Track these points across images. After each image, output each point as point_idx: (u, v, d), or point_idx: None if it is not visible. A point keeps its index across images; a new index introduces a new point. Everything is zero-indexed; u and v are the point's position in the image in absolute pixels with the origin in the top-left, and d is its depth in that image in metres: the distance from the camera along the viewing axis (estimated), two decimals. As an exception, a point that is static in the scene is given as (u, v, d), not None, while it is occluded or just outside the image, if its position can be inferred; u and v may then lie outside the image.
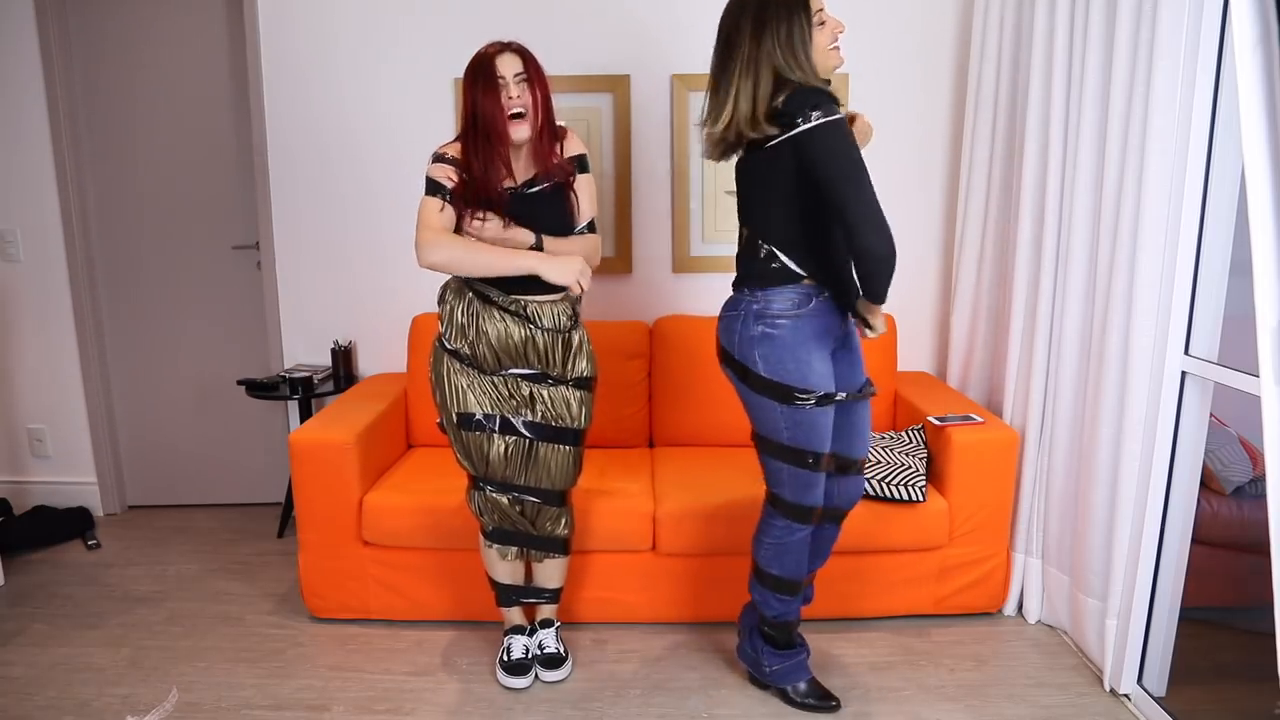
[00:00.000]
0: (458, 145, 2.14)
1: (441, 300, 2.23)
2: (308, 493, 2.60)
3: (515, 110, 2.07)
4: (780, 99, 1.90)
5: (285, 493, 3.36)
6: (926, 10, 3.11)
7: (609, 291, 3.27)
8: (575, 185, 2.22)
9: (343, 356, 3.29)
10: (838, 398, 2.05)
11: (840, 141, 1.85)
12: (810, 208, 1.96)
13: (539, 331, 2.17)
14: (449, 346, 2.20)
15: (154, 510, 3.65)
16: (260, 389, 3.19)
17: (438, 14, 3.14)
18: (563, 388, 2.24)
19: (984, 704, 2.29)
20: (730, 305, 2.11)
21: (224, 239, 3.46)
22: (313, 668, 2.48)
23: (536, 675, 2.39)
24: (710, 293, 3.27)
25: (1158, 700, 2.22)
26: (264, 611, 2.79)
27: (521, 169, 2.18)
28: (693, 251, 3.26)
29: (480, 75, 2.07)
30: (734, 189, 2.13)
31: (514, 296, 2.15)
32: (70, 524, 3.38)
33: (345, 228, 3.30)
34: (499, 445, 2.22)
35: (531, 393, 2.22)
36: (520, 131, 2.09)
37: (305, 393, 3.17)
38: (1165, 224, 2.10)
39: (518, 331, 2.16)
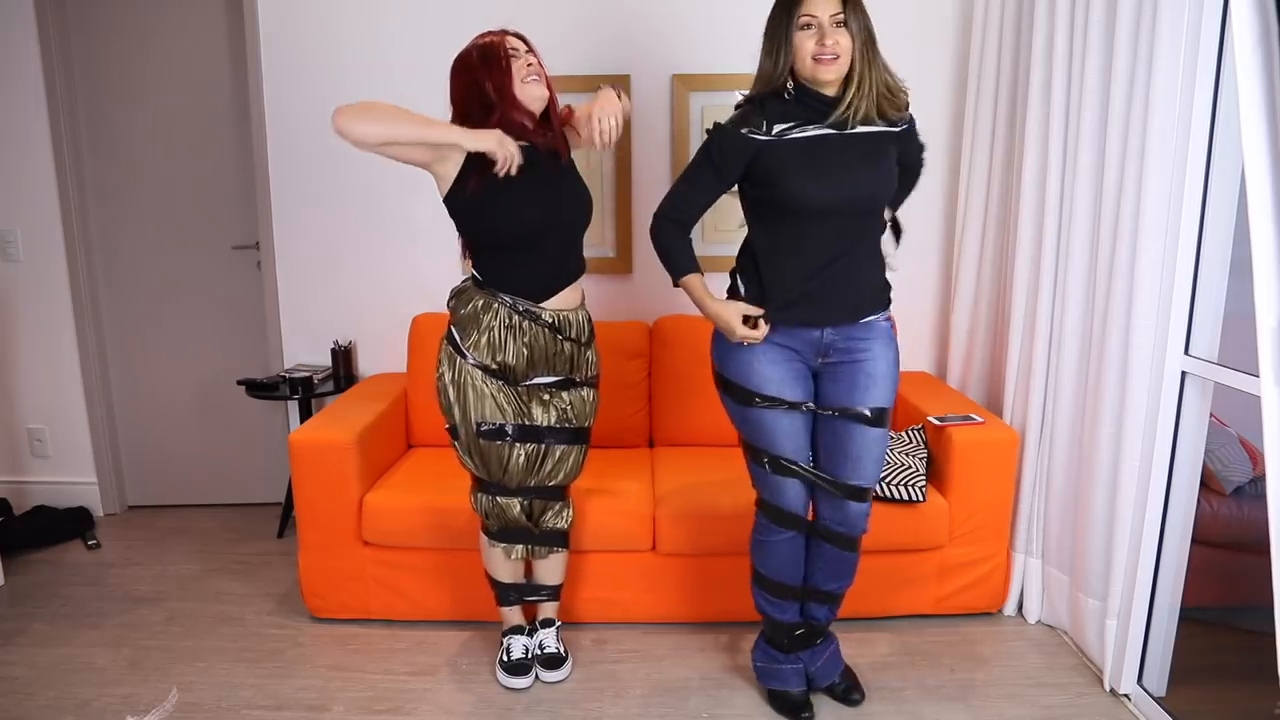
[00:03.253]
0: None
1: (459, 311, 2.19)
2: (308, 493, 2.60)
3: (533, 76, 2.09)
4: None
5: (285, 493, 3.36)
6: (926, 10, 3.11)
7: (609, 291, 3.27)
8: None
9: (343, 356, 3.29)
10: (802, 407, 2.06)
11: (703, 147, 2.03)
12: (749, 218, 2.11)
13: (566, 341, 2.19)
14: (474, 361, 2.16)
15: (154, 510, 3.65)
16: (260, 389, 3.19)
17: (438, 14, 3.14)
18: (583, 389, 2.27)
19: (984, 704, 2.29)
20: None
21: (224, 239, 3.46)
22: (313, 668, 2.48)
23: (536, 675, 2.39)
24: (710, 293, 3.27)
25: (1158, 700, 2.22)
26: (264, 611, 2.79)
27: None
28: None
29: (488, 57, 2.08)
30: (736, 190, 2.13)
31: (541, 305, 2.15)
32: (70, 524, 3.38)
33: (345, 228, 3.30)
34: (519, 453, 2.21)
35: (550, 398, 2.23)
36: (537, 89, 2.10)
37: (305, 393, 3.17)
38: (1165, 224, 2.10)
39: (545, 340, 2.16)
